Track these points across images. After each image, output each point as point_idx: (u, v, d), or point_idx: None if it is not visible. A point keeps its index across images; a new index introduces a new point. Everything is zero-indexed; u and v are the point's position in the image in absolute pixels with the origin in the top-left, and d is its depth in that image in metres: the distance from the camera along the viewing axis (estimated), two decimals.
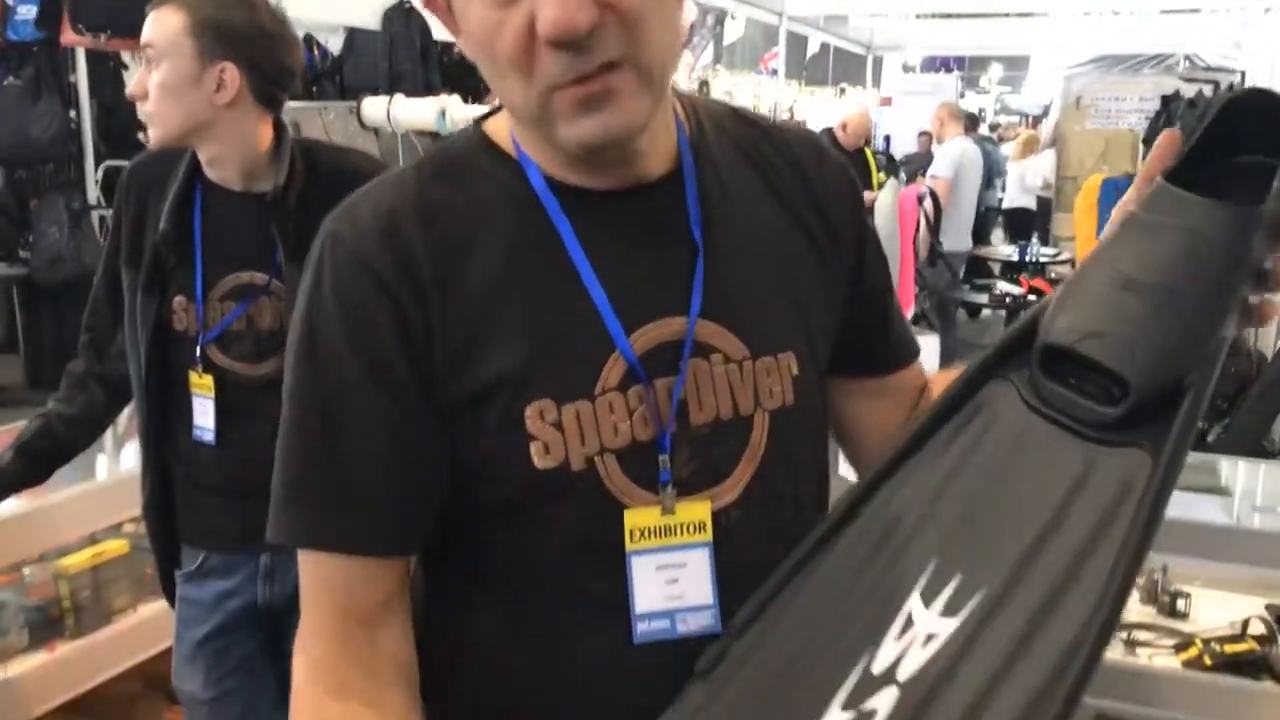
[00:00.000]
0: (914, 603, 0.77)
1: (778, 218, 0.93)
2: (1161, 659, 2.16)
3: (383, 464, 0.83)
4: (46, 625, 2.22)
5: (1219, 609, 2.30)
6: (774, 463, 0.89)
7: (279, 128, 1.72)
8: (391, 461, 0.83)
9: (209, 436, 1.71)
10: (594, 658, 0.86)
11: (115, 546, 2.33)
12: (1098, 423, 0.76)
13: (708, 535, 0.86)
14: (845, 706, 0.74)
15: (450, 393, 0.82)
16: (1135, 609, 2.36)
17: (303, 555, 0.86)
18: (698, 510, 0.86)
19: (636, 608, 0.85)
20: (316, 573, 0.85)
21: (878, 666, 0.75)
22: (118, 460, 2.54)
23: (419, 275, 0.82)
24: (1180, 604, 2.29)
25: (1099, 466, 0.75)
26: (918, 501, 0.82)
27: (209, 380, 1.70)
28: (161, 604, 2.36)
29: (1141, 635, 2.21)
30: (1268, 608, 2.22)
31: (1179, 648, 2.15)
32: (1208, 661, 2.07)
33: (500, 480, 0.84)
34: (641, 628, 0.85)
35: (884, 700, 0.73)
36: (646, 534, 0.85)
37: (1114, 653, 2.19)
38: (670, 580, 0.85)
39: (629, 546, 0.84)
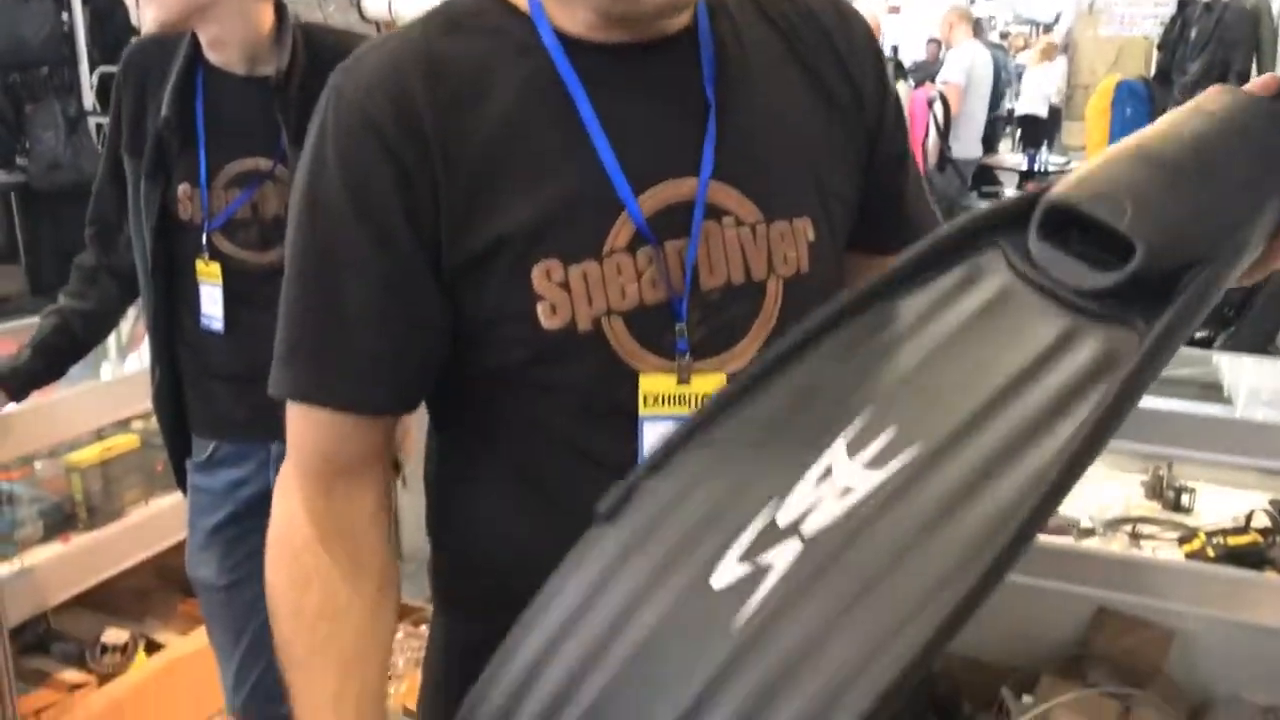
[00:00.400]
0: (836, 452, 0.70)
1: (797, 79, 0.90)
2: (1165, 551, 2.18)
3: (382, 324, 0.82)
4: (60, 519, 2.25)
5: (1223, 504, 2.31)
6: (786, 331, 0.87)
7: (280, 9, 1.67)
8: (391, 322, 0.82)
9: (217, 325, 1.70)
10: (576, 524, 0.85)
11: (125, 441, 2.34)
12: (1089, 290, 0.70)
13: None
14: (743, 558, 0.68)
15: (454, 252, 0.81)
16: (1139, 503, 2.38)
17: (294, 407, 0.86)
18: (713, 381, 0.85)
19: None
20: (307, 426, 0.86)
21: (784, 517, 0.68)
22: (124, 357, 2.54)
23: (423, 131, 0.80)
24: (1184, 499, 2.30)
25: (1079, 338, 0.69)
26: (866, 352, 0.76)
27: (215, 268, 1.69)
28: (173, 498, 2.39)
29: (1145, 529, 2.23)
30: (1272, 502, 2.23)
31: (1182, 540, 2.17)
32: (1210, 553, 2.09)
33: (507, 342, 0.83)
34: None
35: (783, 554, 0.67)
36: (661, 401, 0.84)
37: (1117, 545, 2.21)
38: None
39: (642, 411, 0.84)
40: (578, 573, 0.74)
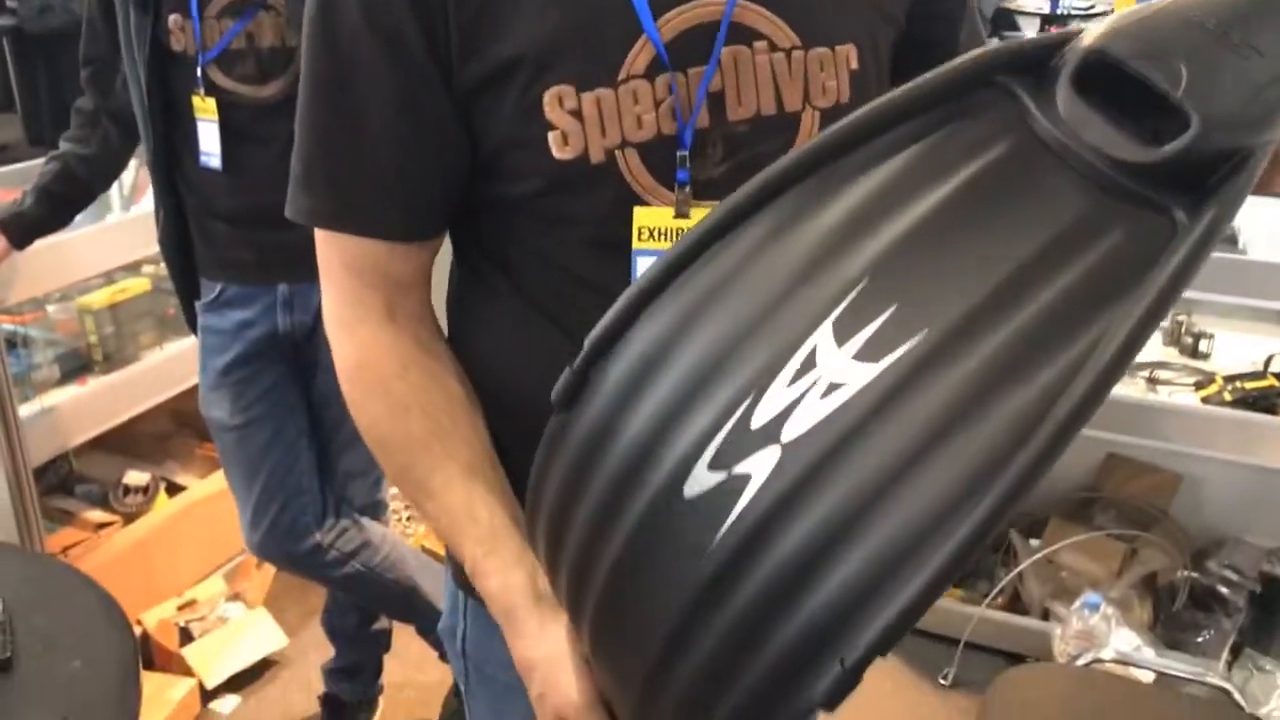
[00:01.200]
0: (821, 337, 0.59)
1: None
2: (1181, 397, 2.18)
3: (400, 143, 0.79)
4: (76, 362, 2.25)
5: (1241, 350, 2.31)
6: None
7: None
8: (409, 142, 0.79)
9: (215, 162, 1.67)
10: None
11: (136, 285, 2.33)
12: (1125, 163, 0.60)
13: None
14: (714, 466, 0.59)
15: (466, 73, 0.77)
16: (1157, 350, 2.37)
17: (323, 236, 0.83)
18: None
19: None
20: (340, 256, 0.83)
21: (758, 419, 0.58)
22: (128, 207, 2.50)
23: None
24: (1202, 345, 2.29)
25: (1109, 218, 0.60)
26: (857, 204, 0.63)
27: (211, 104, 1.64)
28: (187, 342, 2.38)
29: (1162, 374, 2.22)
30: None
31: (1199, 385, 2.17)
32: (1227, 397, 2.09)
33: (519, 172, 0.79)
34: None
35: (761, 463, 0.57)
36: (656, 235, 0.80)
37: (1133, 390, 2.21)
38: None
39: (635, 244, 0.80)
40: (543, 477, 0.69)
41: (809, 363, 0.59)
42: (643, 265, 0.80)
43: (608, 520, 0.64)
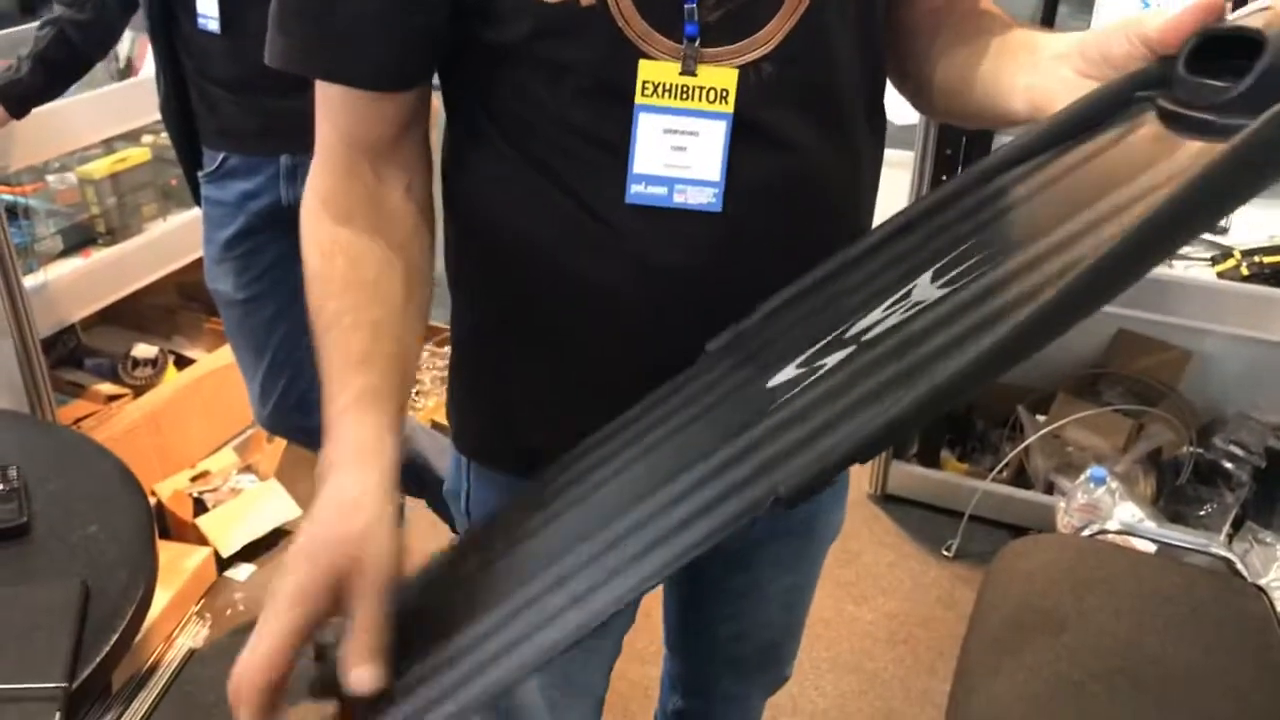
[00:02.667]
0: (923, 279, 0.68)
1: None
2: (1197, 270, 2.15)
3: None
4: (78, 233, 2.23)
5: (1262, 225, 2.26)
6: (817, 14, 0.78)
7: None
8: None
9: (213, 25, 1.62)
10: (586, 207, 0.81)
11: (136, 154, 2.29)
12: (1225, 103, 0.62)
13: (729, 106, 0.77)
14: (801, 364, 0.69)
15: None
16: None
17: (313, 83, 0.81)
18: (722, 76, 0.77)
19: (634, 166, 0.79)
20: (322, 103, 0.81)
21: (852, 331, 0.68)
22: (124, 79, 2.44)
23: None
24: (1222, 219, 2.25)
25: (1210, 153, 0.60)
26: (993, 208, 0.71)
27: None
28: (190, 214, 2.36)
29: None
30: None
31: (1215, 260, 2.13)
32: (1245, 272, 2.06)
33: (508, 14, 0.76)
34: (635, 189, 0.79)
35: (836, 356, 0.67)
36: (660, 91, 0.77)
37: None
38: (677, 147, 0.78)
39: (638, 99, 0.77)
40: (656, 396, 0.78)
41: (906, 295, 0.67)
42: (644, 121, 0.78)
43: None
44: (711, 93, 0.77)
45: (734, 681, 1.27)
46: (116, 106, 2.18)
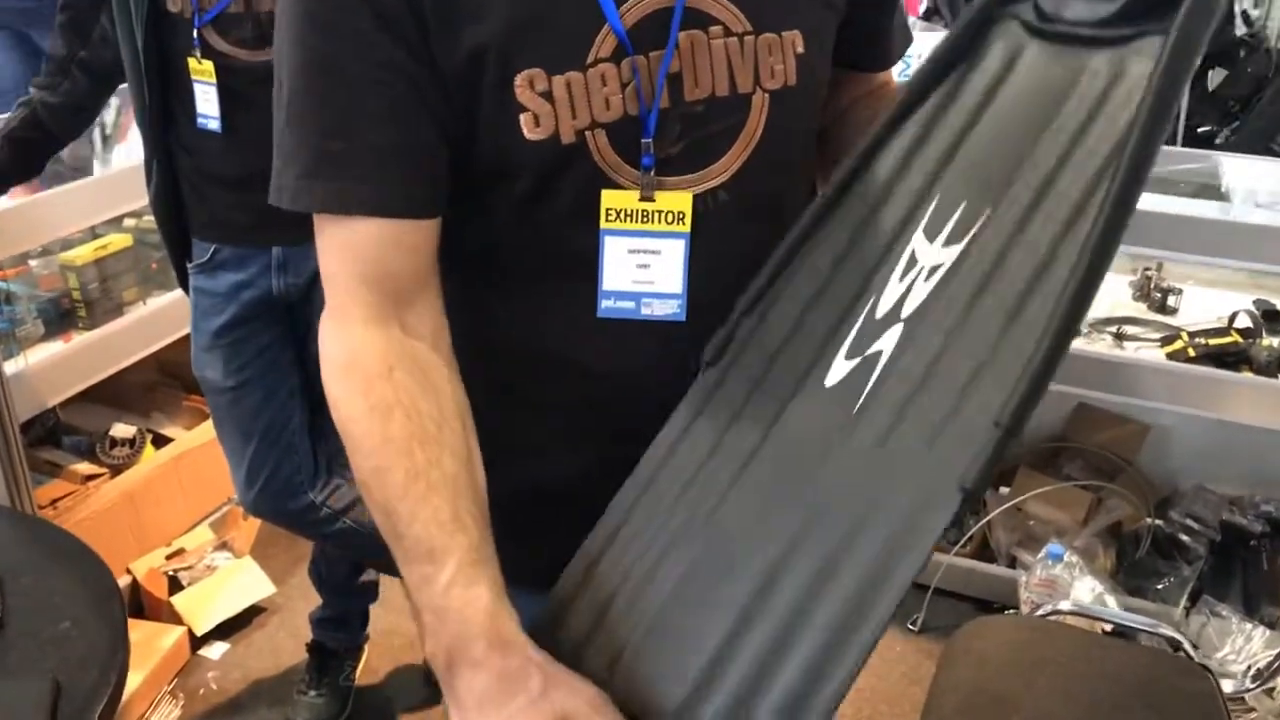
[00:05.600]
0: (917, 241, 0.75)
1: None
2: (1148, 352, 2.22)
3: (392, 114, 0.79)
4: (60, 318, 2.27)
5: (1209, 305, 2.35)
6: (769, 147, 0.86)
7: None
8: (413, 114, 0.80)
9: (214, 125, 1.66)
10: (560, 323, 0.88)
11: (119, 240, 2.34)
12: (1103, 19, 0.71)
13: (685, 226, 0.84)
14: (850, 355, 0.75)
15: (444, 54, 0.79)
16: (1127, 304, 2.41)
17: (322, 229, 0.82)
18: (678, 200, 0.84)
19: (603, 284, 0.86)
20: (344, 249, 0.82)
21: (881, 310, 0.75)
22: (110, 149, 2.50)
23: None
24: (1171, 300, 2.33)
25: (1127, 68, 0.71)
26: (919, 152, 0.80)
27: (209, 66, 1.63)
28: (170, 296, 2.41)
29: (1130, 329, 2.27)
30: (1255, 303, 2.26)
31: (1165, 341, 2.21)
32: (1191, 353, 2.14)
33: (492, 152, 0.82)
34: (606, 304, 0.86)
35: (888, 339, 0.73)
36: (622, 216, 0.84)
37: (1100, 346, 2.25)
38: (641, 265, 0.85)
39: (603, 224, 0.84)
40: (699, 416, 0.82)
41: (912, 261, 0.74)
42: (610, 244, 0.85)
43: (763, 431, 0.77)
44: (669, 215, 0.85)
45: None
46: (99, 195, 2.24)
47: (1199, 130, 3.91)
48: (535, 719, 0.70)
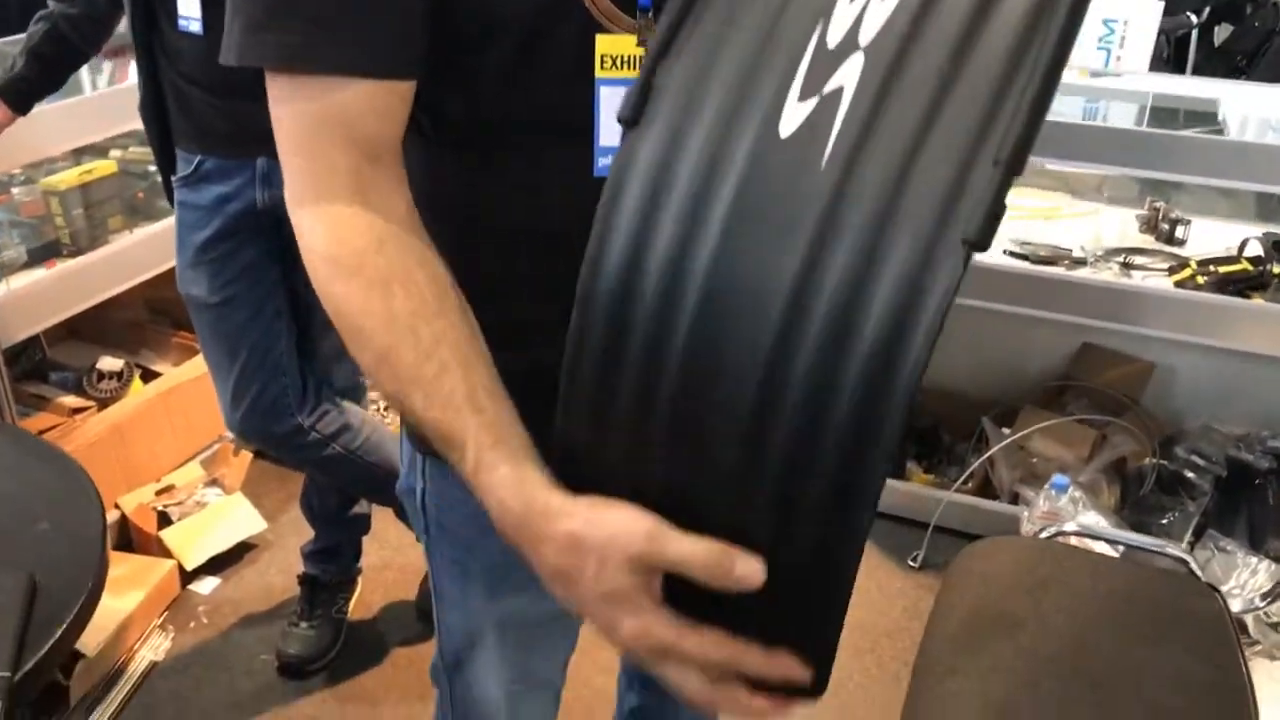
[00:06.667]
0: None
1: None
2: (1154, 281, 2.18)
3: None
4: (43, 245, 2.23)
5: (1217, 237, 2.31)
6: None
7: None
8: None
9: (195, 26, 1.62)
10: (557, 185, 0.83)
11: (103, 166, 2.29)
12: None
13: None
14: (804, 96, 0.61)
15: None
16: (1134, 237, 2.37)
17: (283, 92, 0.76)
18: None
19: (599, 140, 0.81)
20: (302, 111, 0.76)
21: (833, 38, 0.61)
22: (102, 77, 2.45)
23: None
24: (1179, 231, 2.29)
25: None
26: None
27: None
28: (156, 227, 2.36)
29: (1137, 259, 2.22)
30: (1265, 235, 2.22)
31: (1173, 270, 2.17)
32: (1200, 281, 2.09)
33: (478, 6, 0.77)
34: (603, 161, 0.81)
35: (847, 73, 0.60)
36: (619, 63, 0.79)
37: (1107, 275, 2.21)
38: None
39: (598, 73, 0.79)
40: (633, 172, 0.66)
41: None
42: (605, 94, 0.79)
43: (705, 204, 0.62)
44: None
45: None
46: (84, 118, 2.19)
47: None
48: (608, 583, 0.66)
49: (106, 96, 2.25)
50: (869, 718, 1.97)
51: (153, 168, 1.89)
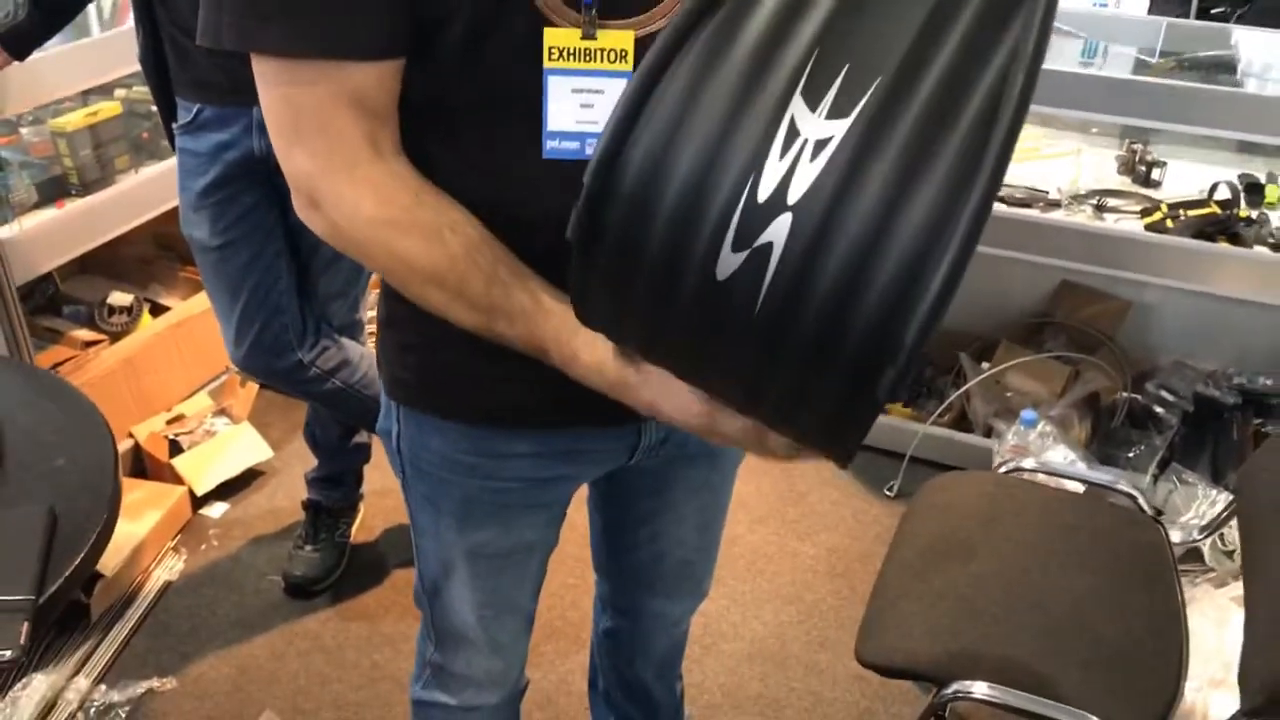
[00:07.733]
0: (796, 107, 0.65)
1: None
2: (1127, 224, 2.24)
3: None
4: (52, 184, 2.30)
5: (1193, 179, 2.35)
6: None
7: None
8: None
9: None
10: (509, 168, 0.89)
11: (109, 107, 2.35)
12: None
13: (628, 65, 0.86)
14: (736, 248, 0.66)
15: None
16: (1111, 178, 2.42)
17: (281, 78, 0.83)
18: (620, 39, 0.85)
19: (548, 124, 0.87)
20: (308, 95, 0.82)
21: (763, 193, 0.65)
22: (109, 30, 2.49)
23: None
24: (1155, 174, 2.34)
25: None
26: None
27: None
28: (162, 165, 2.43)
29: (1110, 201, 2.28)
30: (1240, 176, 2.27)
31: (1144, 212, 2.22)
32: (1170, 224, 2.15)
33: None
34: (551, 145, 0.87)
35: (776, 230, 0.65)
36: (565, 55, 0.85)
37: (1080, 217, 2.27)
38: (585, 105, 0.86)
39: (546, 64, 0.85)
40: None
41: (793, 132, 0.65)
42: (553, 83, 0.86)
43: (660, 322, 0.73)
44: (611, 54, 0.86)
45: (656, 599, 1.38)
46: (90, 60, 2.24)
47: (1212, 11, 3.86)
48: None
49: (111, 39, 2.30)
50: (839, 638, 2.09)
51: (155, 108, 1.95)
